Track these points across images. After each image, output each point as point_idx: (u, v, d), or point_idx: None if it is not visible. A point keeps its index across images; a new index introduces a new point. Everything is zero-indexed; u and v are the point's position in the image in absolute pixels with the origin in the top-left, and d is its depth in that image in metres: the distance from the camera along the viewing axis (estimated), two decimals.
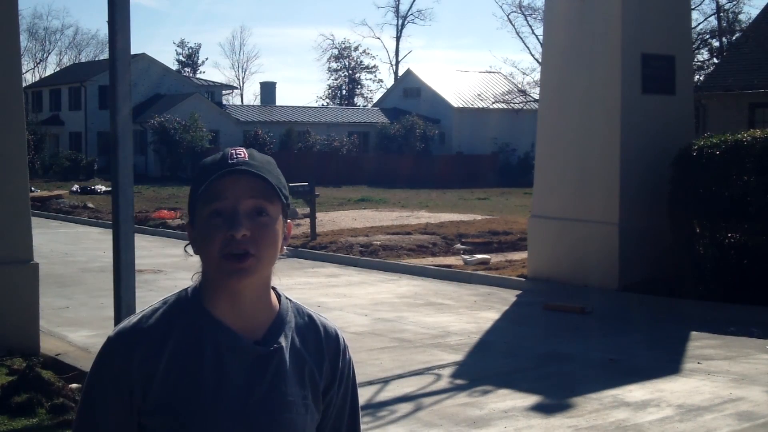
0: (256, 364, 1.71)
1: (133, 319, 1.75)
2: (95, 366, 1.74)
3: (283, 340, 1.75)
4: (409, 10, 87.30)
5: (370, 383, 7.31)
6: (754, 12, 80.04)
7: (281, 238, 1.74)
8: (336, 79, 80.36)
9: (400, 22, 76.14)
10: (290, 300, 1.83)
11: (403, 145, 49.64)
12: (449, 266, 14.21)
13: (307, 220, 18.54)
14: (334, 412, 1.82)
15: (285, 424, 1.71)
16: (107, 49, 6.54)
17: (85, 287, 12.40)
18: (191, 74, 72.73)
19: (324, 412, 1.80)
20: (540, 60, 19.07)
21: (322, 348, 1.80)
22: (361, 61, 79.86)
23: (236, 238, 1.65)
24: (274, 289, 1.80)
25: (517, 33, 51.97)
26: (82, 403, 1.75)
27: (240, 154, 1.71)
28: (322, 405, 1.79)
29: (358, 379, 1.89)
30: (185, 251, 1.80)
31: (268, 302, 1.77)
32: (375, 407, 6.72)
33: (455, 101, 54.46)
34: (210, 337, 1.70)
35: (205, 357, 1.69)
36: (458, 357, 8.49)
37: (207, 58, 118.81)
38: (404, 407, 6.74)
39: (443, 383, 7.51)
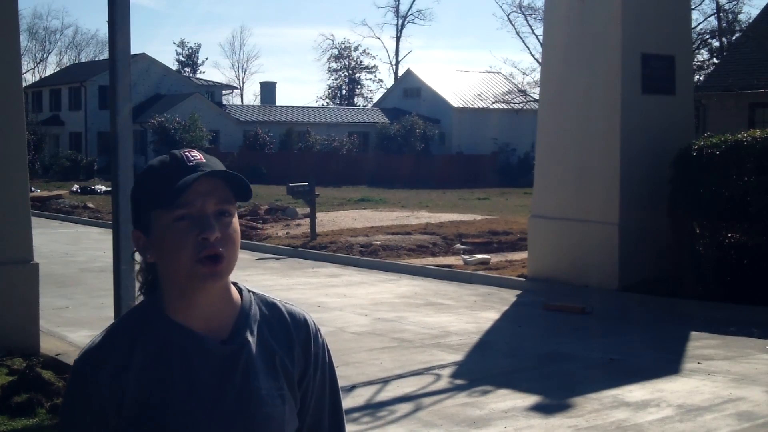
0: (224, 364, 1.70)
1: (97, 338, 1.75)
2: (68, 390, 1.74)
3: (248, 335, 1.73)
4: (409, 10, 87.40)
5: (370, 383, 7.25)
6: (754, 12, 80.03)
7: None
8: (336, 79, 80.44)
9: (400, 22, 76.16)
10: (253, 292, 1.80)
11: (403, 145, 49.61)
12: (449, 266, 14.21)
13: (307, 220, 18.54)
14: (313, 400, 1.80)
15: (262, 418, 1.69)
16: (107, 49, 6.54)
17: (85, 287, 12.40)
18: (191, 74, 72.70)
19: (302, 401, 1.77)
20: (540, 60, 19.08)
21: (291, 335, 1.77)
22: (361, 61, 79.91)
23: (210, 240, 1.64)
24: (234, 284, 1.77)
25: (517, 33, 52.23)
26: (60, 426, 1.75)
27: (196, 156, 1.69)
28: (299, 393, 1.76)
29: (359, 379, 1.89)
30: (133, 259, 1.76)
31: (229, 299, 1.75)
32: (375, 407, 6.71)
33: (455, 101, 54.45)
34: (175, 344, 1.69)
35: (173, 364, 1.68)
36: (458, 357, 8.49)
37: (207, 58, 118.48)
38: (404, 407, 6.73)
39: (443, 383, 7.50)
